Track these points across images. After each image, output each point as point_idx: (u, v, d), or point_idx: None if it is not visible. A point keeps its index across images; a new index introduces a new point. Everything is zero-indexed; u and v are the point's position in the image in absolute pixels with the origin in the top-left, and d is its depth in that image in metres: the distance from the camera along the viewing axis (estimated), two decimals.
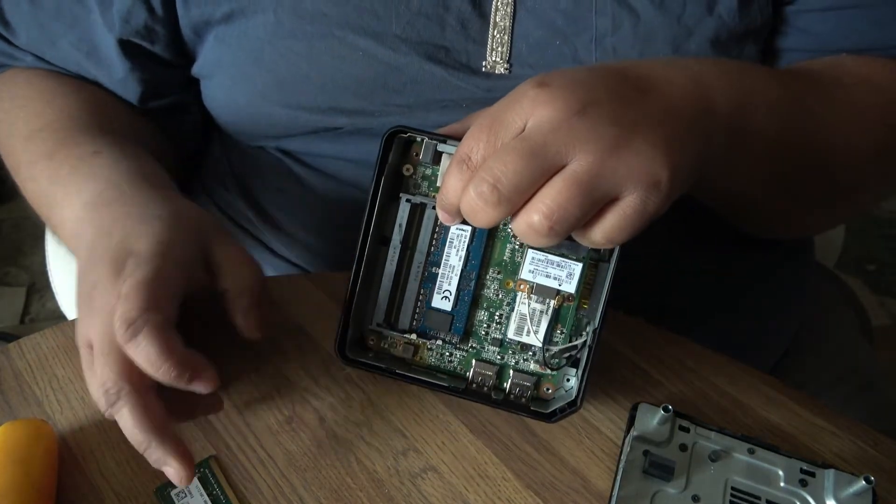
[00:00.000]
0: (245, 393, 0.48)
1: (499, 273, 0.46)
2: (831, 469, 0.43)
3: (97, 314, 0.40)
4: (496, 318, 0.46)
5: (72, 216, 0.48)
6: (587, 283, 0.44)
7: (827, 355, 0.71)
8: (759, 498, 0.42)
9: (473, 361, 0.46)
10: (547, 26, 0.53)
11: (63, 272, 0.74)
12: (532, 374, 0.45)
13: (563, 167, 0.36)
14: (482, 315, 0.46)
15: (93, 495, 0.42)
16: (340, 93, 0.55)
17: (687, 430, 0.44)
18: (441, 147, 0.44)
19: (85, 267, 0.44)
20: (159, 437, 0.39)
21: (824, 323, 0.73)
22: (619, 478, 0.42)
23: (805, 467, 0.43)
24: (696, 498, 0.42)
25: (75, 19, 0.57)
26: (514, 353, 0.46)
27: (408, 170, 0.45)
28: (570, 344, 0.45)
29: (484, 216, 0.37)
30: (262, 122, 0.59)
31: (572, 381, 0.45)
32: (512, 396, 0.46)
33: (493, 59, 0.54)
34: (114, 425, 0.45)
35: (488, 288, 0.46)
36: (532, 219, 0.36)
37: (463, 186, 0.37)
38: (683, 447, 0.44)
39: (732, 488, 0.42)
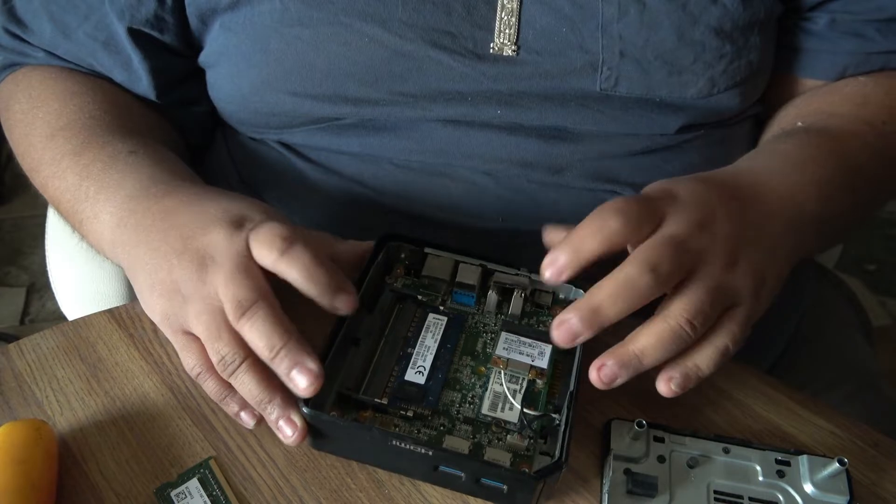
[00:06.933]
0: None
1: (472, 360, 0.47)
2: (804, 455, 0.43)
3: (221, 262, 0.43)
4: (468, 398, 0.45)
5: (111, 209, 0.50)
6: (557, 366, 0.47)
7: (827, 355, 0.70)
8: (741, 497, 0.42)
9: (445, 439, 0.43)
10: (554, 13, 0.54)
11: (63, 272, 0.74)
12: (508, 450, 0.42)
13: (692, 271, 0.42)
14: (454, 396, 0.45)
15: (93, 495, 0.42)
16: (346, 80, 0.55)
17: (662, 440, 0.44)
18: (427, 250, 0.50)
19: (161, 243, 0.46)
20: (296, 339, 0.42)
21: (824, 323, 0.73)
22: (605, 502, 0.42)
23: (779, 457, 0.44)
24: None
25: (90, 9, 0.57)
26: (486, 431, 0.43)
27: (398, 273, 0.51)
28: (548, 413, 0.44)
29: (636, 296, 0.40)
30: (265, 111, 0.59)
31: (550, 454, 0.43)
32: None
33: (501, 40, 0.54)
34: (114, 425, 0.45)
35: (461, 372, 0.46)
36: (675, 324, 0.41)
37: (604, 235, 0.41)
38: (661, 458, 0.44)
39: (715, 491, 0.43)
